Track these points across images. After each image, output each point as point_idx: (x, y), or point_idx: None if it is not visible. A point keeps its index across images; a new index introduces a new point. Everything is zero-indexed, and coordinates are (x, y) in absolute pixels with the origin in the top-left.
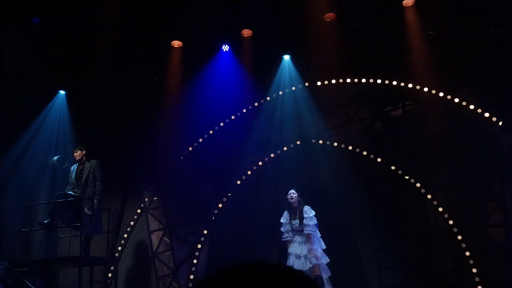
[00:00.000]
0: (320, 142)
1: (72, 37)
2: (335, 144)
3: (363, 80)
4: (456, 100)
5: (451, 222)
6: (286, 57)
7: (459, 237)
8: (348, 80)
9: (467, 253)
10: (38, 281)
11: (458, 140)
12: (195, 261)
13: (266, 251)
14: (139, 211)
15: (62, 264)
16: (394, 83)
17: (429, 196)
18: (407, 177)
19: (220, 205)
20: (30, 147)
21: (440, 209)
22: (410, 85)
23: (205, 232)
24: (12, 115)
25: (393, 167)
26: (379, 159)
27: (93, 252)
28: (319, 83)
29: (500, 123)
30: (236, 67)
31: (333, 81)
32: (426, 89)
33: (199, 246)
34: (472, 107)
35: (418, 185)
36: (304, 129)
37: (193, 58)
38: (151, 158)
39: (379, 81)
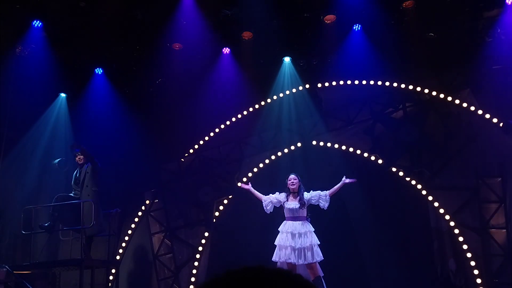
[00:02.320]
0: (321, 144)
1: (73, 39)
2: (336, 145)
3: (364, 82)
4: (457, 101)
5: (452, 223)
6: (287, 59)
7: (461, 239)
8: (349, 82)
9: (469, 255)
10: (39, 284)
11: (459, 141)
12: (196, 263)
13: (267, 253)
14: (140, 213)
15: (63, 267)
16: (395, 84)
17: (430, 198)
18: (408, 179)
19: (221, 207)
20: (30, 150)
21: (442, 211)
22: (410, 87)
23: (206, 234)
24: (12, 117)
25: (394, 169)
26: (380, 161)
27: (94, 254)
28: (319, 85)
29: (501, 124)
30: (237, 69)
31: (334, 83)
32: (426, 91)
33: (200, 248)
34: (473, 108)
35: (419, 186)
36: (304, 131)
37: (193, 60)
38: (152, 160)
39: (379, 82)
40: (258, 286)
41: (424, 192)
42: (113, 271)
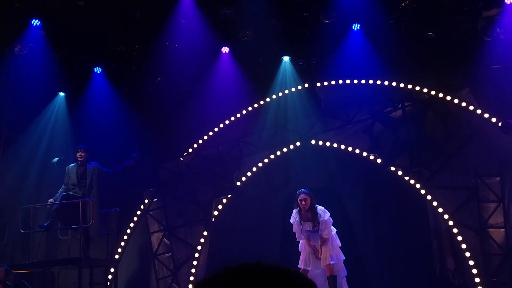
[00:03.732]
0: (320, 143)
1: (72, 38)
2: (335, 145)
3: (363, 81)
4: (456, 101)
5: (451, 223)
6: (286, 59)
7: (459, 238)
8: (348, 81)
9: (467, 254)
10: (38, 283)
11: (458, 140)
12: (195, 262)
13: (266, 252)
14: (139, 212)
15: (62, 266)
16: (394, 84)
17: (429, 197)
18: (407, 178)
19: (220, 207)
20: (29, 149)
21: (440, 210)
22: (409, 86)
23: (205, 233)
24: (11, 116)
25: (393, 168)
26: (379, 160)
27: (93, 254)
28: (318, 84)
29: (500, 124)
30: (236, 68)
31: (333, 82)
32: (425, 90)
33: (199, 247)
34: (471, 107)
35: (418, 186)
36: (303, 130)
37: (193, 59)
38: (151, 159)
39: (378, 82)
40: (256, 282)
41: (423, 192)
42: (112, 270)
